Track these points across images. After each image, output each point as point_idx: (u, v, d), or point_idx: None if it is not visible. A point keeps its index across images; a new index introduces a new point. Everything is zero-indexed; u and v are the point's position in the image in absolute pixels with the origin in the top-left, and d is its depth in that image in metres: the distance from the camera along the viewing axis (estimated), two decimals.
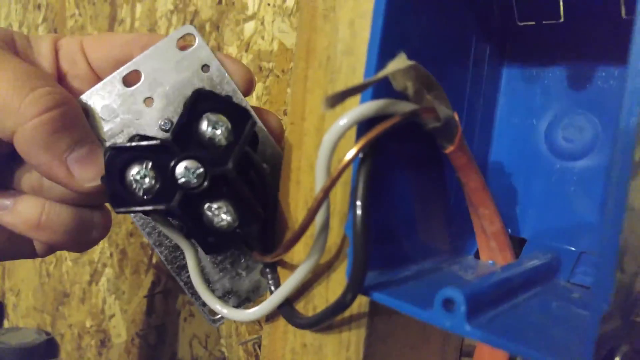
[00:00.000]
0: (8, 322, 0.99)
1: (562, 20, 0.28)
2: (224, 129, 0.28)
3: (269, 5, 0.51)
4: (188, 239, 0.31)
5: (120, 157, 0.28)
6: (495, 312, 0.22)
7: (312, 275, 0.29)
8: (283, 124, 0.34)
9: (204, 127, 0.28)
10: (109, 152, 0.28)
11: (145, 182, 0.28)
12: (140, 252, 0.68)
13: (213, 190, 0.27)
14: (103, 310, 0.75)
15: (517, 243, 0.31)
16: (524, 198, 0.32)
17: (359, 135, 0.24)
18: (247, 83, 0.33)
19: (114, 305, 0.73)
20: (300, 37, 0.30)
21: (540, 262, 0.28)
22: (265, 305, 0.29)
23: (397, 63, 0.22)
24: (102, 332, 0.75)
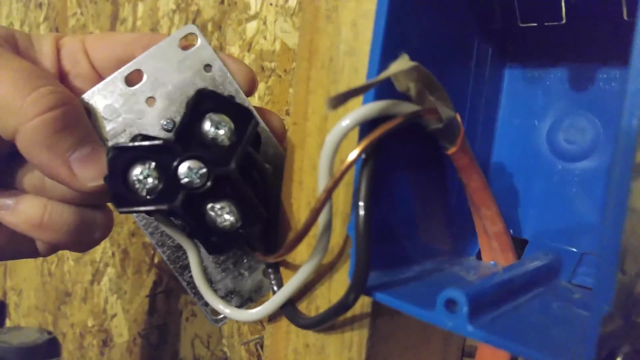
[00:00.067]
0: (10, 321, 0.99)
1: (563, 22, 0.28)
2: (227, 129, 0.28)
3: (272, 5, 0.52)
4: (191, 239, 0.31)
5: (123, 157, 0.28)
6: (497, 312, 0.22)
7: (314, 276, 0.29)
8: (285, 124, 0.34)
9: (207, 127, 0.28)
10: (112, 152, 0.28)
11: (148, 182, 0.28)
12: (142, 251, 0.68)
13: (216, 191, 0.27)
14: (105, 310, 0.75)
15: (518, 244, 0.31)
16: (526, 199, 0.32)
17: (362, 136, 0.24)
18: (249, 83, 0.33)
19: (116, 305, 0.73)
20: (303, 37, 0.30)
21: (542, 263, 0.28)
22: (268, 306, 0.29)
23: (399, 64, 0.22)
24: (104, 331, 0.75)
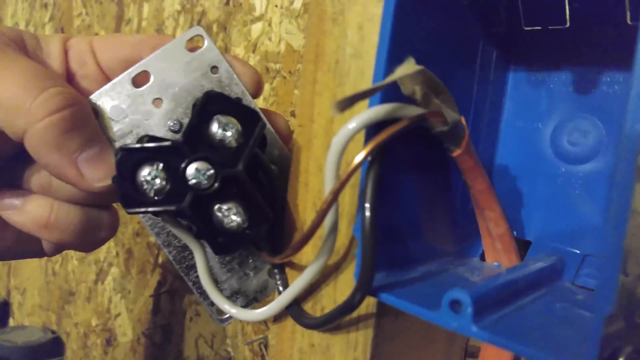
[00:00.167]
0: (13, 320, 1.00)
1: (567, 25, 0.29)
2: (234, 131, 0.28)
3: (277, 7, 0.52)
4: (197, 240, 0.31)
5: (132, 158, 0.28)
6: (501, 313, 0.23)
7: (320, 276, 0.29)
8: (290, 126, 0.34)
9: (215, 128, 0.28)
10: (120, 153, 0.28)
11: (156, 183, 0.28)
12: (147, 251, 0.68)
13: (223, 192, 0.28)
14: (109, 309, 0.75)
15: (522, 245, 0.31)
16: (529, 201, 0.32)
17: (368, 139, 0.24)
18: (255, 85, 0.33)
19: (120, 305, 0.73)
20: (309, 40, 0.30)
21: (545, 264, 0.28)
22: (274, 306, 0.29)
23: (405, 68, 0.22)
24: (107, 330, 0.75)
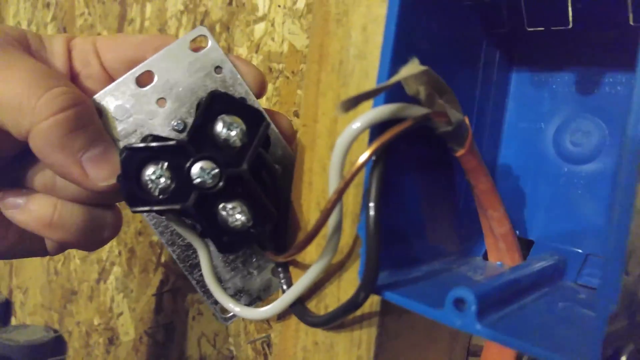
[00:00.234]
0: (15, 319, 1.00)
1: (570, 26, 0.29)
2: (239, 131, 0.29)
3: (280, 7, 0.52)
4: (201, 238, 0.31)
5: (136, 157, 0.28)
6: (504, 311, 0.23)
7: (324, 275, 0.29)
8: (293, 126, 0.34)
9: (219, 128, 0.28)
10: (125, 152, 0.28)
11: (161, 182, 0.28)
12: (149, 250, 0.68)
13: (228, 191, 0.28)
14: (111, 309, 0.75)
15: (524, 245, 0.32)
16: (532, 201, 0.32)
17: (372, 139, 0.24)
18: (259, 85, 0.33)
19: (122, 304, 0.73)
20: (313, 40, 0.30)
21: (548, 263, 0.28)
22: (278, 304, 0.29)
23: (410, 68, 0.22)
24: (110, 330, 0.75)
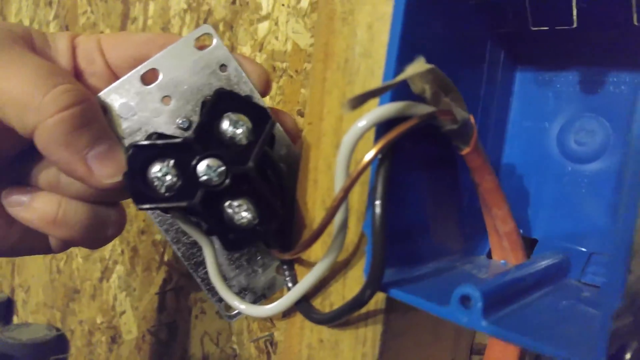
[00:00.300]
0: (17, 318, 1.00)
1: (574, 26, 0.29)
2: (245, 129, 0.29)
3: (283, 6, 0.52)
4: (206, 236, 0.31)
5: (143, 154, 0.28)
6: (509, 309, 0.23)
7: (329, 273, 0.29)
8: (297, 124, 0.34)
9: (225, 126, 0.29)
10: (132, 149, 0.28)
11: (167, 179, 0.28)
12: (152, 249, 0.68)
13: (234, 188, 0.28)
14: (114, 307, 0.75)
15: (528, 243, 0.32)
16: (536, 199, 0.32)
17: (378, 137, 0.24)
18: (264, 84, 0.33)
19: (125, 302, 0.73)
20: (318, 39, 0.30)
21: (552, 262, 0.28)
22: (284, 301, 0.30)
23: (416, 67, 0.23)
24: (112, 328, 0.75)
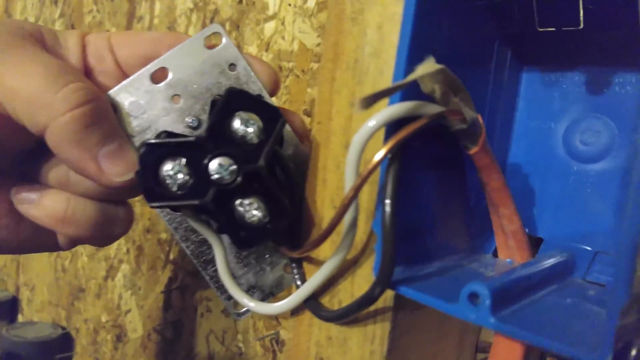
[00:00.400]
0: (22, 316, 1.00)
1: (581, 27, 0.29)
2: (256, 127, 0.29)
3: (290, 6, 0.52)
4: (216, 234, 0.31)
5: (155, 152, 0.28)
6: (516, 306, 0.23)
7: (338, 271, 0.29)
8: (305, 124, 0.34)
9: (237, 125, 0.29)
10: (144, 147, 0.28)
11: (179, 177, 0.28)
12: (157, 248, 0.69)
13: (245, 187, 0.28)
14: (119, 306, 0.76)
15: (534, 242, 0.32)
16: (542, 199, 0.33)
17: (387, 136, 0.24)
18: (273, 83, 0.33)
19: (130, 301, 0.74)
20: (328, 39, 0.31)
21: (557, 260, 0.28)
22: (293, 299, 0.30)
23: (426, 67, 0.23)
24: (118, 327, 0.76)
